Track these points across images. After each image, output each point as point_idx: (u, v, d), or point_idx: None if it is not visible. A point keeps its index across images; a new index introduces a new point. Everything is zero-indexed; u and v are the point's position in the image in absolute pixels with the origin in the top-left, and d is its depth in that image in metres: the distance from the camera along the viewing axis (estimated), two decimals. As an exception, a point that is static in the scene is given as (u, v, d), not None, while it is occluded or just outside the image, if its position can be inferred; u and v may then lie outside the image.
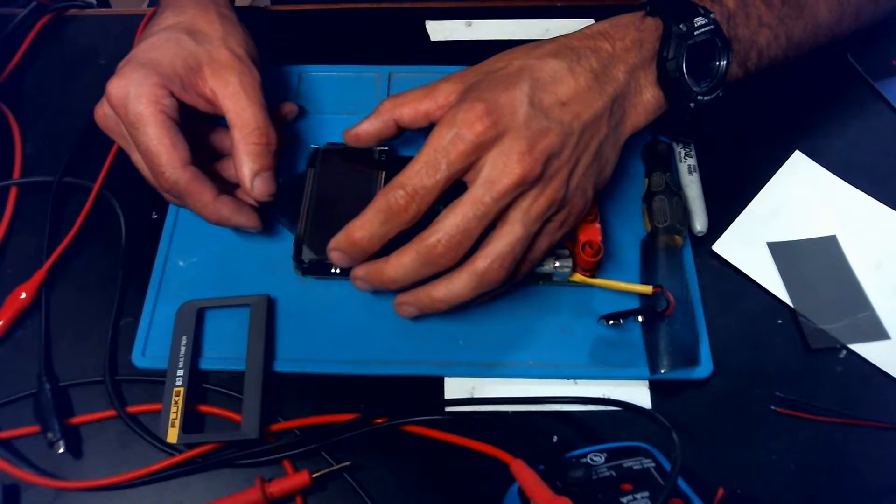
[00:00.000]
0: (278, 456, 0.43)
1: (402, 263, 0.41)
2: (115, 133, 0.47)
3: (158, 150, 0.44)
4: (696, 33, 0.44)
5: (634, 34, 0.45)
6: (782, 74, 0.53)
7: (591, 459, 0.39)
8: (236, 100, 0.46)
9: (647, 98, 0.45)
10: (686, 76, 0.44)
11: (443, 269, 0.41)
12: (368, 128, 0.46)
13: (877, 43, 0.59)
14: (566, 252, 0.46)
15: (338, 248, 0.43)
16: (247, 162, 0.45)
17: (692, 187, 0.51)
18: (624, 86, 0.44)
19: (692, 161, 0.52)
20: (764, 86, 0.56)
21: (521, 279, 0.44)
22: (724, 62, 0.45)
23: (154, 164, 0.44)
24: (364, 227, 0.42)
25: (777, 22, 0.49)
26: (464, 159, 0.40)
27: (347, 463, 0.42)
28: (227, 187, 0.48)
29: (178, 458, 0.42)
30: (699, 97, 0.45)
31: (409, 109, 0.45)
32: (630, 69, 0.44)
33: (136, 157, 0.47)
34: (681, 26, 0.44)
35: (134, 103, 0.44)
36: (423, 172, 0.40)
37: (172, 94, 0.45)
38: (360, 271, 0.43)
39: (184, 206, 0.47)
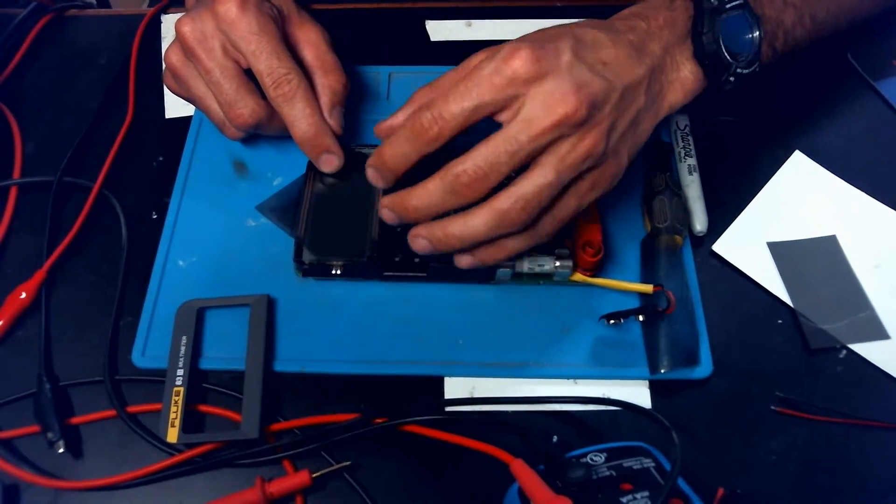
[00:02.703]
0: (278, 456, 0.43)
1: (426, 190, 0.41)
2: (186, 72, 0.49)
3: (279, 51, 0.47)
4: (727, 6, 0.44)
5: (667, 14, 0.45)
6: (782, 74, 0.53)
7: (591, 459, 0.39)
8: (318, 45, 0.50)
9: (685, 74, 0.45)
10: (724, 51, 0.44)
11: (466, 203, 0.41)
12: (403, 120, 0.45)
13: (877, 43, 0.59)
14: (566, 252, 0.46)
15: (371, 164, 0.43)
16: (329, 94, 0.49)
17: (692, 187, 0.51)
18: (660, 60, 0.44)
19: (692, 161, 0.52)
20: (764, 86, 0.56)
21: (544, 240, 0.43)
22: (758, 32, 0.45)
23: (271, 64, 0.46)
24: (391, 145, 0.42)
25: (801, 2, 0.49)
26: (496, 92, 0.39)
27: (347, 463, 0.42)
28: None
29: (178, 457, 0.42)
30: (738, 69, 0.45)
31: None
32: (665, 45, 0.44)
33: (204, 92, 0.49)
34: (712, 0, 0.44)
35: (243, 19, 0.46)
36: (451, 98, 0.40)
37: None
38: (387, 199, 0.43)
39: (272, 125, 0.49)
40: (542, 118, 0.39)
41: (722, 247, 0.50)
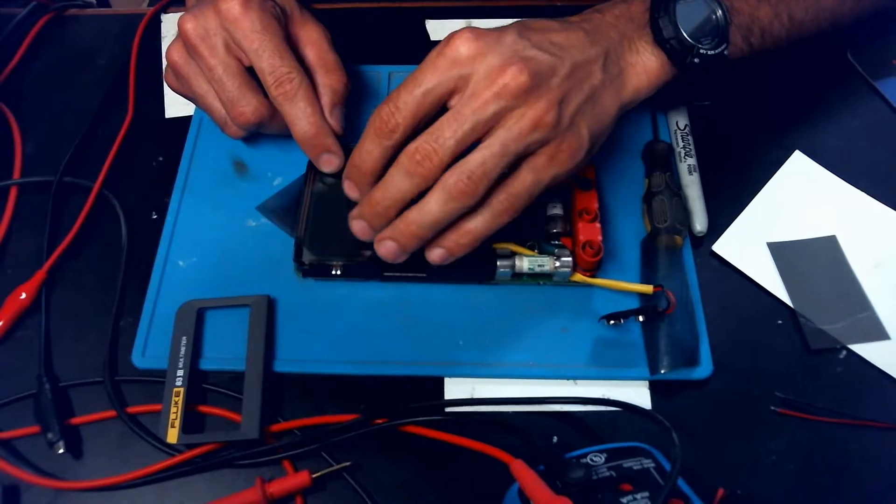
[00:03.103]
0: (278, 456, 0.43)
1: (384, 180, 0.42)
2: (188, 69, 0.49)
3: (282, 49, 0.47)
4: None
5: (623, 7, 0.46)
6: (782, 74, 0.53)
7: (591, 460, 0.39)
8: (320, 44, 0.50)
9: (647, 58, 0.45)
10: (683, 32, 0.44)
11: (423, 186, 0.41)
12: None
13: (877, 42, 0.59)
14: (566, 252, 0.46)
15: (344, 176, 0.44)
16: (330, 94, 0.49)
17: (692, 187, 0.51)
18: (616, 44, 0.45)
19: (692, 161, 0.52)
20: (764, 86, 0.56)
21: (504, 220, 0.42)
22: (721, 12, 0.46)
23: (273, 63, 0.47)
24: (358, 147, 0.43)
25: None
26: (440, 74, 0.40)
27: (347, 463, 0.42)
28: None
29: (178, 458, 0.42)
30: (702, 51, 0.45)
31: None
32: (622, 32, 0.45)
33: (206, 90, 0.49)
34: None
35: (248, 16, 0.46)
36: (403, 88, 0.41)
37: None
38: (354, 210, 0.44)
39: (273, 123, 0.49)
40: (483, 89, 0.40)
41: (722, 247, 0.50)
